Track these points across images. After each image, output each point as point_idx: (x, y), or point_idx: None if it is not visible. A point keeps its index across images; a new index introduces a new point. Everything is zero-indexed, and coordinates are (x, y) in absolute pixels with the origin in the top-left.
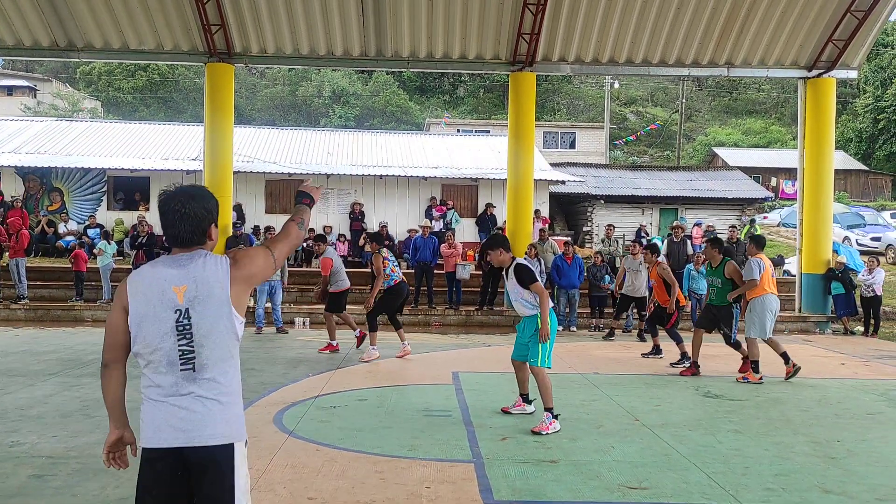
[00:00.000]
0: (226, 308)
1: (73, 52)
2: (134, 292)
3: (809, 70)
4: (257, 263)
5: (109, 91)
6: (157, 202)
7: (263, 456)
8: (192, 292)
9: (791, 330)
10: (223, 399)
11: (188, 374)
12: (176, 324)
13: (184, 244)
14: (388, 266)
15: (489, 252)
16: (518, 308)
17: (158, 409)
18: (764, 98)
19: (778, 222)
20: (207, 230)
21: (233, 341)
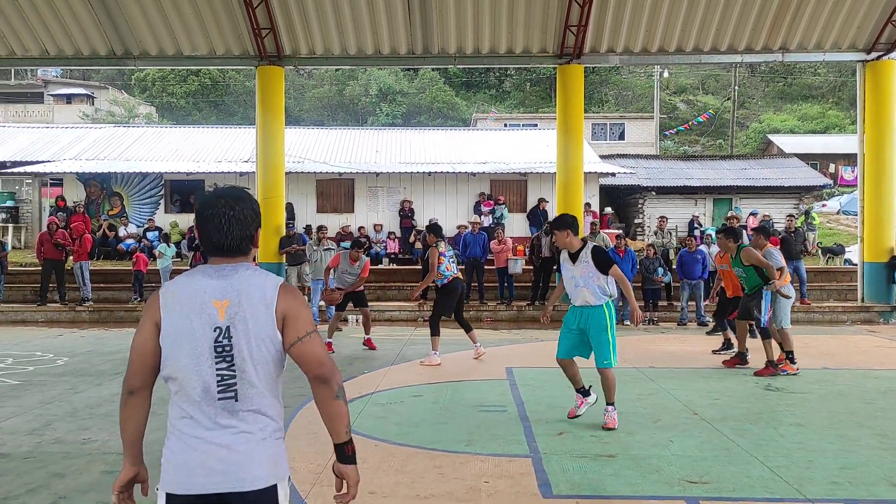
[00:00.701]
0: (270, 329)
1: (129, 59)
2: (168, 306)
3: (868, 52)
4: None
5: (163, 96)
6: (197, 206)
7: (324, 451)
8: (234, 308)
9: (854, 320)
10: (269, 434)
11: (229, 405)
12: (214, 344)
13: (230, 252)
14: (444, 263)
15: (556, 232)
16: (585, 296)
17: (192, 446)
18: (820, 82)
19: (837, 210)
20: (255, 235)
21: (278, 368)
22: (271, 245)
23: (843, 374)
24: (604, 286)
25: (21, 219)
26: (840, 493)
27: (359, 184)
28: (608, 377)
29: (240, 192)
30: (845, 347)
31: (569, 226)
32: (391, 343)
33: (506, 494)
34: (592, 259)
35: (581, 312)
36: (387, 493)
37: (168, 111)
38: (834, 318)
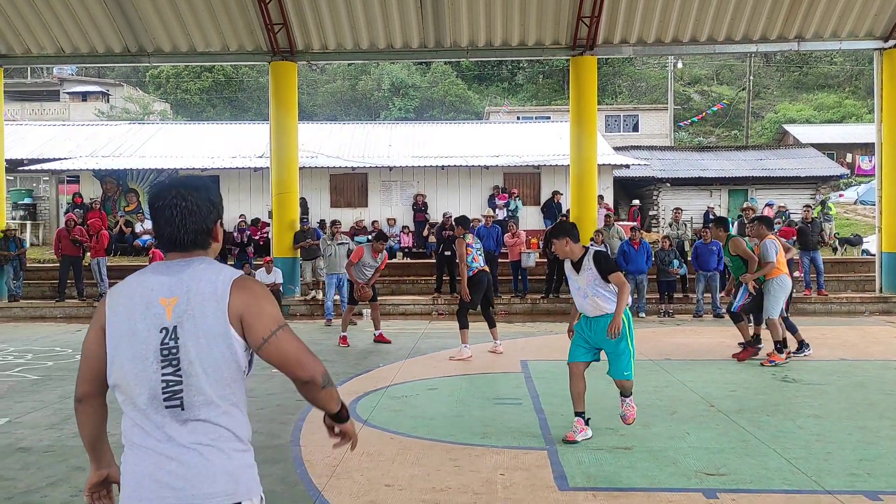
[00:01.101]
0: (222, 328)
1: (143, 56)
2: (114, 306)
3: (885, 40)
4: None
5: (177, 93)
6: (149, 197)
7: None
8: (182, 306)
9: (872, 311)
10: (225, 446)
11: (175, 414)
12: (161, 346)
13: (184, 247)
14: (471, 254)
15: (553, 241)
16: (596, 305)
17: (141, 457)
18: (836, 71)
19: (855, 200)
20: (212, 229)
21: (234, 373)
22: (286, 240)
23: (861, 365)
24: (613, 293)
25: (39, 216)
26: (860, 485)
27: (372, 178)
28: (626, 386)
29: (195, 182)
30: (864, 338)
31: (567, 233)
32: (405, 337)
33: (521, 487)
34: (594, 264)
35: (595, 322)
36: (403, 486)
37: (182, 108)
38: (852, 308)
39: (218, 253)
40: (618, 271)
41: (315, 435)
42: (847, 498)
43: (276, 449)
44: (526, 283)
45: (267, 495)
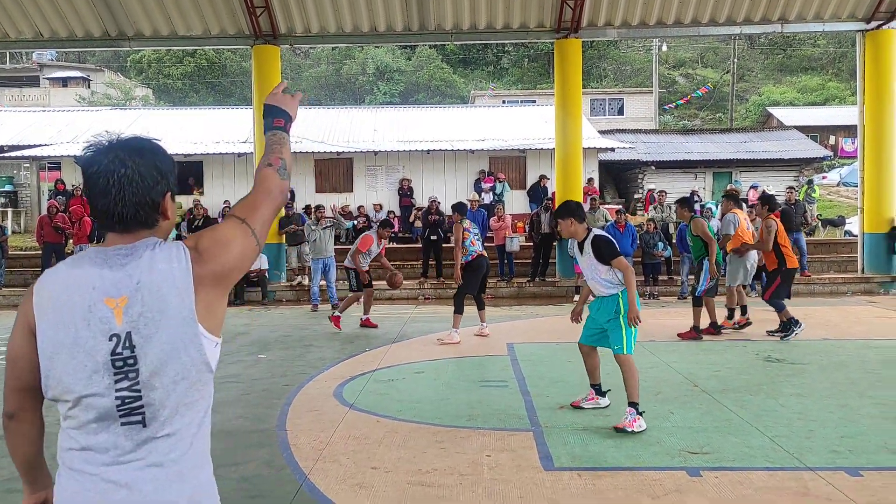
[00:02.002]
0: (189, 328)
1: (123, 41)
2: (43, 307)
3: (868, 22)
4: (233, 251)
5: (159, 78)
6: (81, 163)
7: (326, 428)
8: (136, 307)
9: (854, 291)
10: (188, 467)
11: (134, 432)
12: (112, 357)
13: (124, 225)
14: (469, 238)
15: (559, 222)
16: (595, 287)
17: (83, 485)
18: (820, 53)
19: (838, 182)
20: (161, 203)
21: (203, 375)
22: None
23: (843, 344)
24: (612, 277)
25: (20, 203)
26: (840, 462)
27: (357, 163)
28: (626, 368)
29: (139, 144)
30: (846, 318)
31: (572, 213)
32: (392, 321)
33: (507, 468)
34: (593, 250)
35: (599, 303)
36: (389, 469)
37: (165, 93)
38: (834, 289)
39: (170, 232)
40: (619, 256)
41: (301, 419)
42: (828, 474)
43: (262, 433)
44: (512, 266)
45: (253, 479)
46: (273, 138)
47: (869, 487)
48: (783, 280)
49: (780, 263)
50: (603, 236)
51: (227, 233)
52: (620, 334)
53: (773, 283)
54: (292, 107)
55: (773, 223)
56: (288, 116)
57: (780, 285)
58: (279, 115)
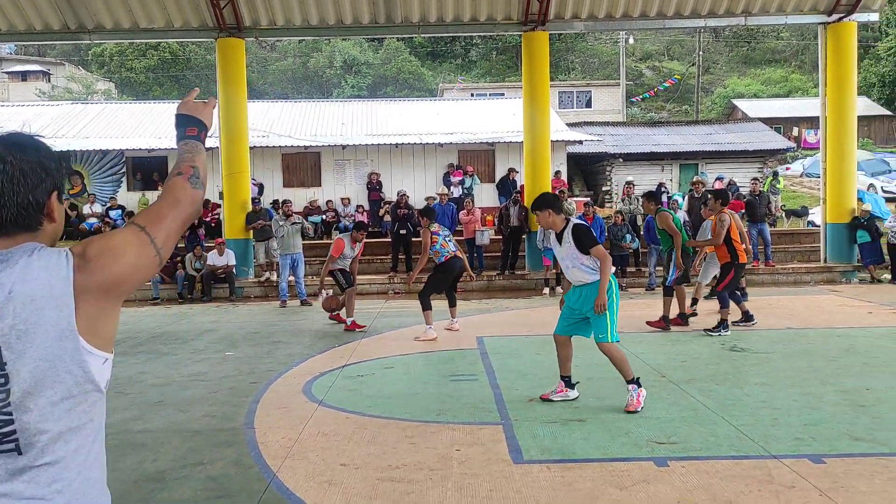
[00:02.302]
0: (69, 343)
1: (83, 34)
2: None
3: (829, 14)
4: (125, 261)
5: (122, 72)
6: None
7: (295, 425)
8: (7, 320)
9: (817, 281)
10: (74, 497)
11: (9, 462)
12: None
13: (3, 229)
14: (438, 242)
15: (536, 213)
16: (576, 276)
17: None
18: (783, 46)
19: (801, 172)
20: (45, 203)
21: (89, 395)
22: (238, 221)
23: (806, 333)
24: (593, 264)
25: None
26: (804, 449)
27: (325, 157)
28: (612, 355)
29: (20, 139)
30: (808, 307)
31: (549, 205)
32: (361, 317)
33: (477, 461)
34: (573, 239)
35: (579, 292)
36: (359, 465)
37: (127, 87)
38: (798, 278)
39: (57, 237)
40: (597, 245)
41: (269, 416)
42: (792, 462)
43: (229, 432)
44: (481, 260)
45: (220, 479)
46: (185, 147)
47: (831, 474)
48: (735, 274)
49: (732, 258)
50: (582, 225)
51: (120, 240)
52: (605, 322)
53: (726, 278)
54: (206, 115)
55: (726, 218)
56: (202, 125)
57: (732, 279)
58: (192, 125)
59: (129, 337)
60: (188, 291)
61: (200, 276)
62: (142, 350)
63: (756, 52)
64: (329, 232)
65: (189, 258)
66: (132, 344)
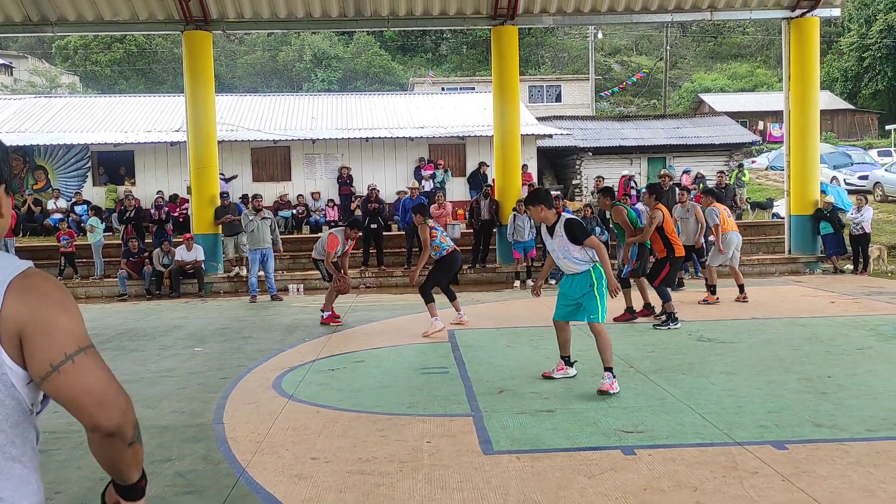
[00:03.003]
0: None
1: (46, 26)
2: None
3: (792, 10)
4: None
5: (87, 65)
6: None
7: (265, 420)
8: None
9: (782, 272)
10: None
11: None
12: None
13: None
14: (437, 237)
15: (529, 208)
16: (567, 266)
17: None
18: (749, 41)
19: (766, 166)
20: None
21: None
22: (206, 216)
23: (771, 322)
24: (583, 255)
25: None
26: (767, 436)
27: (295, 151)
28: (600, 336)
29: None
30: (773, 297)
31: (542, 200)
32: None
33: (447, 453)
34: (565, 232)
35: (571, 280)
36: (329, 459)
37: (93, 80)
38: (763, 269)
39: (4, 232)
40: (590, 236)
41: (239, 412)
42: (756, 448)
43: (198, 428)
44: None
45: (189, 475)
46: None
47: (794, 460)
48: (672, 267)
49: (668, 252)
50: (574, 219)
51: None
52: (596, 305)
53: (662, 271)
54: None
55: (658, 213)
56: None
57: (669, 273)
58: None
59: (96, 334)
60: (156, 287)
61: (168, 272)
62: (108, 347)
63: (722, 47)
64: (299, 227)
65: (157, 253)
66: (98, 341)
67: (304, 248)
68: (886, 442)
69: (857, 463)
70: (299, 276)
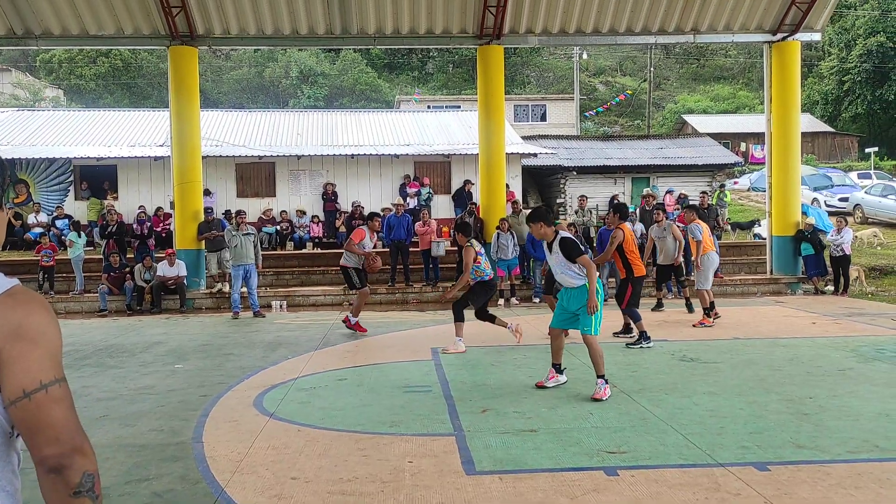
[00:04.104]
0: None
1: (31, 39)
2: None
3: (774, 34)
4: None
5: (71, 79)
6: None
7: (245, 439)
8: None
9: (763, 292)
10: None
11: None
12: None
13: None
14: (482, 262)
15: (530, 225)
16: (565, 280)
17: None
18: (731, 64)
19: (748, 187)
20: None
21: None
22: (189, 231)
23: (753, 343)
24: (579, 270)
25: None
26: (749, 457)
27: (280, 167)
28: (592, 348)
29: None
30: (755, 318)
31: (542, 218)
32: (316, 328)
33: (429, 473)
34: (560, 250)
35: (569, 293)
36: (309, 478)
37: (77, 94)
38: (745, 290)
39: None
40: (583, 255)
41: (219, 430)
42: (738, 469)
43: (177, 446)
44: (437, 271)
45: (166, 495)
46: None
47: (776, 481)
48: (634, 288)
49: (628, 272)
50: (568, 238)
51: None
52: (590, 319)
53: (626, 293)
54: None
55: (619, 233)
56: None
57: (633, 294)
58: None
59: (75, 350)
60: (137, 303)
61: (150, 288)
62: (87, 363)
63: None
64: (283, 243)
65: (138, 269)
66: (77, 357)
67: (288, 264)
68: (867, 464)
69: (839, 485)
70: (282, 293)
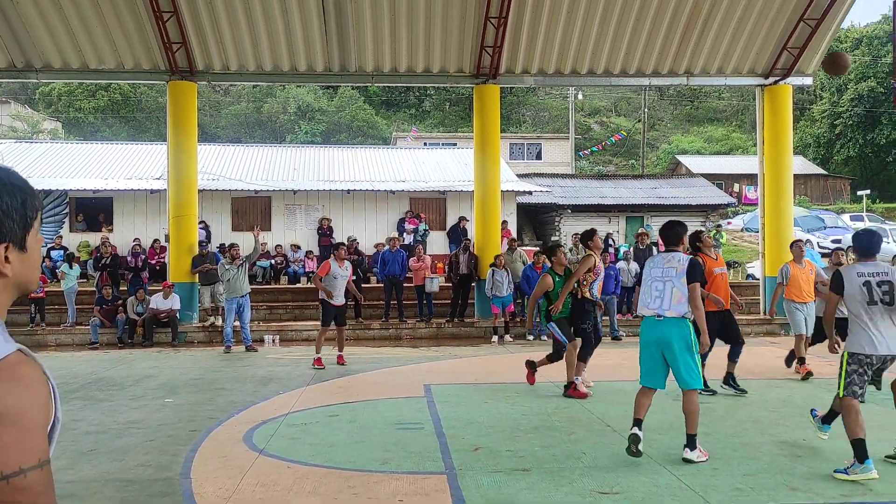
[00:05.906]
0: None
1: (31, 73)
2: None
3: (766, 77)
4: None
5: (70, 112)
6: None
7: (234, 475)
8: None
9: (757, 333)
10: None
11: None
12: None
13: None
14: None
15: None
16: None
17: None
18: (724, 106)
19: (741, 227)
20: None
21: None
22: (184, 264)
23: (747, 384)
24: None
25: None
26: (743, 499)
27: (276, 202)
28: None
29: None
30: (749, 359)
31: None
32: (308, 363)
33: None
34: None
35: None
36: None
37: (75, 127)
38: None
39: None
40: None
41: (207, 466)
42: None
43: (164, 482)
44: (431, 307)
45: None
46: None
47: None
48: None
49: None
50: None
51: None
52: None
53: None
54: None
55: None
56: None
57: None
58: None
59: (64, 382)
60: (128, 336)
61: (142, 320)
62: (76, 396)
63: (699, 110)
64: (277, 277)
65: (131, 301)
66: (66, 390)
67: (281, 298)
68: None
69: None
70: (275, 327)
